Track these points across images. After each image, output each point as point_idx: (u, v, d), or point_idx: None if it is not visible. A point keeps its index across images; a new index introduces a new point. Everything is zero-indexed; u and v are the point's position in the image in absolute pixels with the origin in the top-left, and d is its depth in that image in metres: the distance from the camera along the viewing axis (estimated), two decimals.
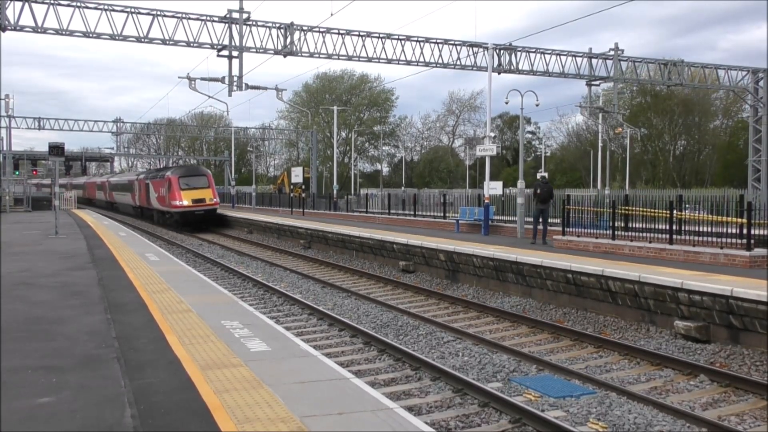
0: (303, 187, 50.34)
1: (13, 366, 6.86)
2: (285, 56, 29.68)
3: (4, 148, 48.98)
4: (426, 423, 6.52)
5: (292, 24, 29.33)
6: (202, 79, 30.32)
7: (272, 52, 29.21)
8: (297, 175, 45.88)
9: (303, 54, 29.70)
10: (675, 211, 15.73)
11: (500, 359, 10.00)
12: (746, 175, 40.43)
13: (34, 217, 39.68)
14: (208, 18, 28.09)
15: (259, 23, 28.84)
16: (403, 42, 31.35)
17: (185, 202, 36.92)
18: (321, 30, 30.03)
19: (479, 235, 22.98)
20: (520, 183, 22.56)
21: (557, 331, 11.88)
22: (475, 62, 32.68)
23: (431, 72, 58.78)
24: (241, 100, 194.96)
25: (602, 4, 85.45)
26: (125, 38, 26.92)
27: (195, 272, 14.84)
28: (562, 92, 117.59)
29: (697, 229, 15.90)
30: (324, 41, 30.13)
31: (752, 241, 13.92)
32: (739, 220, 14.75)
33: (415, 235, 22.23)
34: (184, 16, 27.69)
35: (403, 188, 68.17)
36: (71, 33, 26.32)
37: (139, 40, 27.11)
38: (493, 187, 24.44)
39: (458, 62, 32.37)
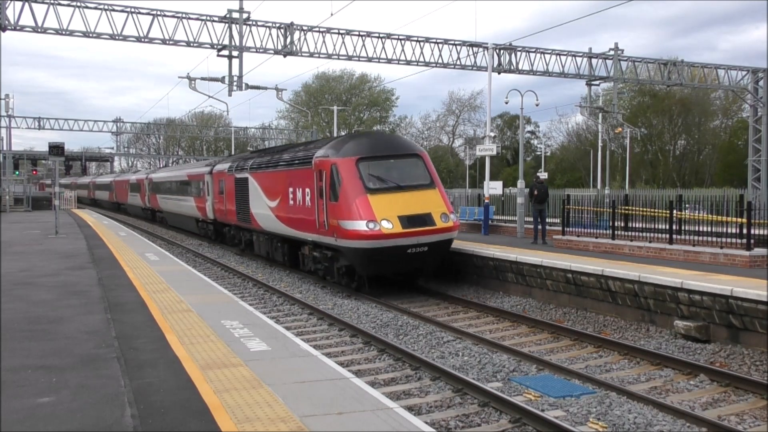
0: None
1: (13, 365, 6.86)
2: (285, 56, 29.68)
3: (4, 148, 48.97)
4: (426, 423, 6.52)
5: (292, 24, 29.32)
6: (202, 78, 30.30)
7: (272, 52, 29.20)
8: None
9: (303, 54, 29.70)
10: (675, 211, 15.73)
11: (500, 359, 10.00)
12: (746, 175, 40.43)
13: (34, 216, 39.68)
14: (208, 18, 28.09)
15: (259, 23, 28.83)
16: (403, 42, 31.35)
17: (385, 225, 14.76)
18: (321, 30, 30.02)
19: (479, 234, 22.97)
20: (520, 183, 22.56)
21: (557, 331, 11.88)
22: (475, 62, 32.68)
23: (431, 72, 58.86)
24: (241, 100, 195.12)
25: (602, 4, 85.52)
26: (125, 38, 26.92)
27: (195, 272, 14.84)
28: (562, 92, 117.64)
29: (697, 228, 15.91)
30: (324, 41, 30.13)
31: (752, 241, 13.91)
32: (739, 219, 14.75)
33: None
34: (184, 16, 27.69)
35: None
36: (71, 33, 26.31)
37: (139, 40, 27.11)
38: (493, 187, 24.44)
39: (458, 62, 32.38)
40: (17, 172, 55.66)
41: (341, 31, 30.46)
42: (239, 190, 22.89)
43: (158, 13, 27.18)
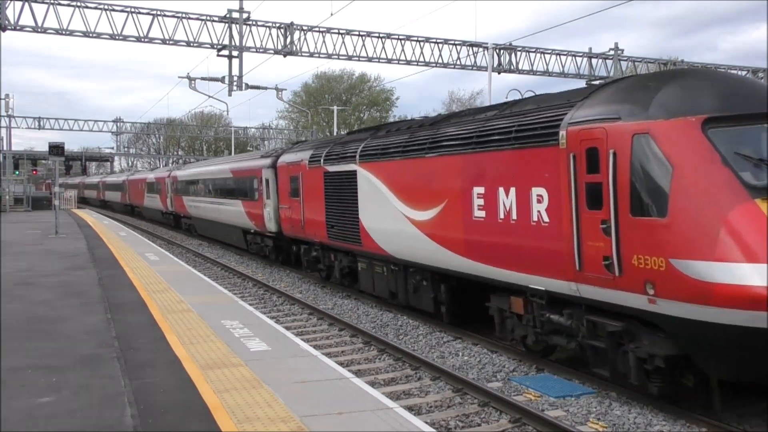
0: None
1: (13, 365, 6.86)
2: (285, 56, 29.71)
3: (4, 148, 48.99)
4: (426, 423, 6.52)
5: (292, 24, 29.34)
6: (202, 78, 30.34)
7: (272, 52, 29.23)
8: None
9: (303, 54, 29.73)
10: None
11: (500, 359, 9.99)
12: None
13: (34, 216, 39.69)
14: (208, 18, 28.11)
15: (259, 23, 28.85)
16: (403, 42, 31.38)
17: None
18: (321, 30, 30.05)
19: None
20: None
21: None
22: (475, 62, 32.72)
23: (431, 72, 58.82)
24: (242, 100, 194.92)
25: (602, 5, 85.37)
26: (125, 38, 26.95)
27: (195, 272, 14.86)
28: None
29: None
30: (324, 41, 30.17)
31: None
32: None
33: None
34: (184, 16, 27.71)
35: None
36: (71, 33, 26.33)
37: (139, 39, 27.13)
38: None
39: (458, 62, 32.41)
40: (17, 172, 55.67)
41: (341, 31, 30.49)
42: (333, 191, 15.34)
43: (158, 13, 27.21)
